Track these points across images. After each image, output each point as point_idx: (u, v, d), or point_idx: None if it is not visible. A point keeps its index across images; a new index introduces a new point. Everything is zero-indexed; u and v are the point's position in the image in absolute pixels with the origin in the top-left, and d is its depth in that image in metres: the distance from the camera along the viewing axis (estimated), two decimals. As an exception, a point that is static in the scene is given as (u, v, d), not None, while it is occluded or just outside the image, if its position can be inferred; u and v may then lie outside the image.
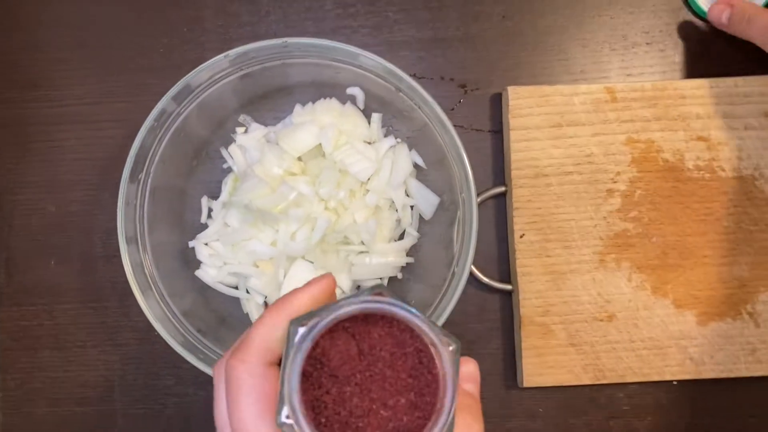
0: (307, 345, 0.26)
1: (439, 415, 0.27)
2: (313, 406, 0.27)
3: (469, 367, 0.33)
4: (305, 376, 0.27)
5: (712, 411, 0.56)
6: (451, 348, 0.27)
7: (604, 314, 0.54)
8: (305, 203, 0.52)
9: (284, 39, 0.48)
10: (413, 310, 0.27)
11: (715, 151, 0.55)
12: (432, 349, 0.28)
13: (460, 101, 0.57)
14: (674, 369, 0.54)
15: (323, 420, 0.27)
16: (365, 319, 0.28)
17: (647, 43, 0.58)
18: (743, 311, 0.54)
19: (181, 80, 0.48)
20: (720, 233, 0.54)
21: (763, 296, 0.54)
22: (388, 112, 0.54)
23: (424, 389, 0.28)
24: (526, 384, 0.54)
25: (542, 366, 0.54)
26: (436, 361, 0.28)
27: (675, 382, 0.56)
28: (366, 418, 0.28)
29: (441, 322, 0.47)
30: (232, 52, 0.48)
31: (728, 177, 0.55)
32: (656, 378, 0.54)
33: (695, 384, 0.56)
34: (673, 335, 0.54)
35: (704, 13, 0.57)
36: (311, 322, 0.26)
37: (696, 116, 0.54)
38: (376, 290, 0.28)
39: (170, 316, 0.50)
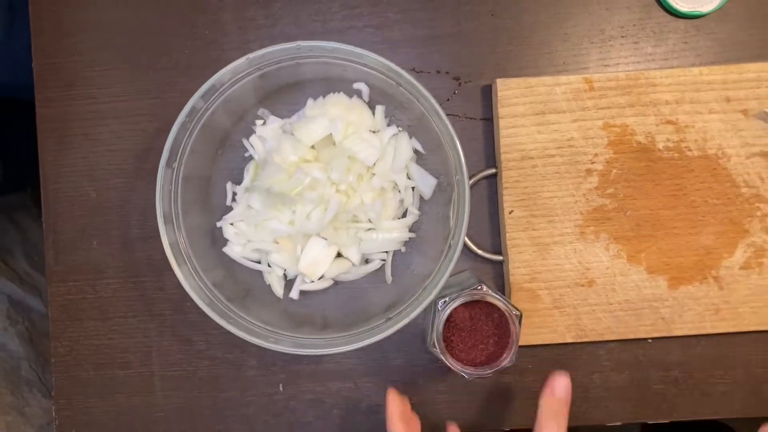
0: (446, 312, 0.54)
1: (510, 348, 0.54)
2: (446, 342, 0.55)
3: (561, 380, 0.51)
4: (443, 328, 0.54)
5: (682, 365, 0.63)
6: (515, 314, 0.54)
7: (584, 280, 0.61)
8: (319, 187, 0.58)
9: (297, 42, 0.54)
10: (498, 296, 0.53)
11: (682, 134, 0.61)
12: (506, 315, 0.54)
13: (454, 92, 0.64)
14: (648, 328, 0.61)
15: (452, 349, 0.55)
16: (473, 300, 0.54)
17: (622, 36, 0.64)
18: (708, 276, 0.61)
19: (208, 81, 0.55)
20: (688, 207, 0.61)
21: (726, 262, 0.61)
22: (390, 104, 0.61)
23: (503, 336, 0.55)
24: (516, 343, 0.61)
25: (530, 327, 0.61)
26: (509, 321, 0.54)
27: (649, 340, 0.63)
28: (473, 348, 0.55)
29: (439, 286, 0.54)
30: (252, 55, 0.54)
31: (695, 156, 0.61)
32: (632, 336, 0.61)
33: (667, 341, 0.63)
34: (647, 298, 0.61)
35: (672, 8, 0.63)
36: (446, 302, 0.54)
37: (665, 102, 0.61)
38: (478, 285, 0.54)
39: (203, 287, 0.57)
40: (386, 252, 0.62)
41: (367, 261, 0.63)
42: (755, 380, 0.63)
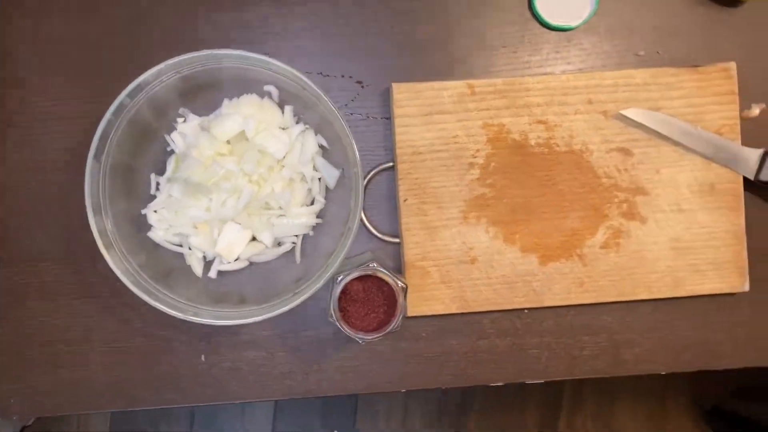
0: (341, 286, 0.62)
1: (396, 315, 0.62)
2: (344, 312, 0.63)
3: None
4: (339, 299, 0.63)
5: (554, 332, 0.73)
6: (401, 287, 0.63)
7: (467, 258, 0.71)
8: (232, 177, 0.66)
9: (211, 50, 0.62)
10: (386, 272, 0.62)
11: (552, 132, 0.71)
12: (394, 288, 0.62)
13: (357, 94, 0.72)
14: (522, 299, 0.71)
15: (348, 318, 0.63)
16: (366, 275, 0.62)
17: (503, 47, 0.73)
18: (574, 254, 0.71)
19: (134, 81, 0.62)
20: (556, 195, 0.71)
21: (589, 242, 0.71)
22: (297, 105, 0.69)
23: (391, 304, 0.63)
24: (410, 314, 0.70)
25: (421, 299, 0.70)
26: (396, 293, 0.62)
27: (526, 311, 0.73)
28: (366, 317, 0.64)
29: (338, 263, 0.63)
30: (171, 61, 0.62)
31: (562, 151, 0.71)
32: (508, 306, 0.71)
33: (540, 311, 0.73)
34: (520, 273, 0.71)
35: (545, 22, 0.72)
36: (342, 276, 0.62)
37: (537, 105, 0.70)
38: (371, 262, 0.63)
39: (130, 269, 0.64)
40: (296, 235, 0.70)
41: (279, 244, 0.71)
42: (615, 344, 0.73)
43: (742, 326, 0.73)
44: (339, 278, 0.62)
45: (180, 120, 0.69)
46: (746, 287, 0.71)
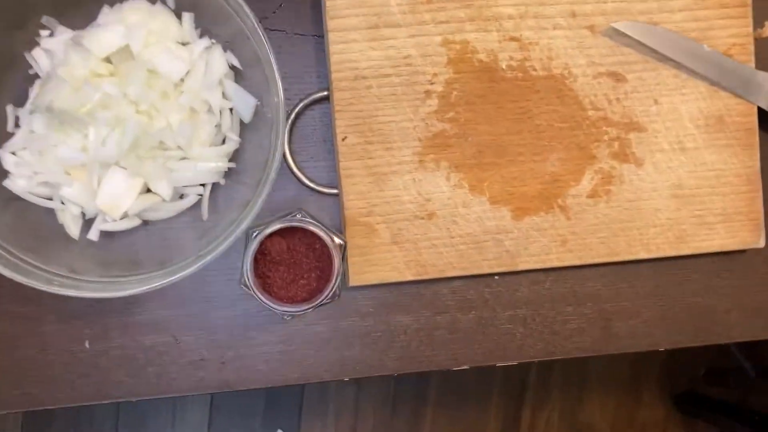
0: (256, 243, 0.47)
1: (332, 281, 0.48)
2: (263, 279, 0.49)
3: None
4: (257, 261, 0.49)
5: (530, 303, 0.59)
6: (338, 243, 0.49)
7: (424, 213, 0.56)
8: (113, 105, 0.50)
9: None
10: (317, 223, 0.48)
11: (526, 51, 0.56)
12: (328, 245, 0.48)
13: (281, 5, 0.57)
14: (491, 262, 0.57)
15: (269, 286, 0.49)
16: (292, 229, 0.48)
17: (466, -52, 0.58)
18: (555, 205, 0.57)
19: None
20: (532, 131, 0.57)
21: (573, 191, 0.57)
22: (200, 14, 0.53)
23: (325, 268, 0.49)
24: (351, 282, 0.56)
25: (367, 264, 0.56)
26: (331, 252, 0.48)
27: (496, 277, 0.59)
28: (293, 284, 0.50)
29: (253, 214, 0.48)
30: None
31: (540, 76, 0.57)
32: (475, 272, 0.57)
33: (514, 277, 0.59)
34: (490, 230, 0.57)
35: None
36: (258, 230, 0.47)
37: (508, 17, 0.56)
38: (299, 212, 0.50)
39: None
40: (202, 185, 0.55)
41: (181, 196, 0.55)
42: (605, 316, 0.60)
43: (756, 290, 0.60)
44: (254, 233, 0.47)
45: (44, 33, 0.53)
46: (762, 242, 0.58)
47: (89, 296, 0.48)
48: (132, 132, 0.50)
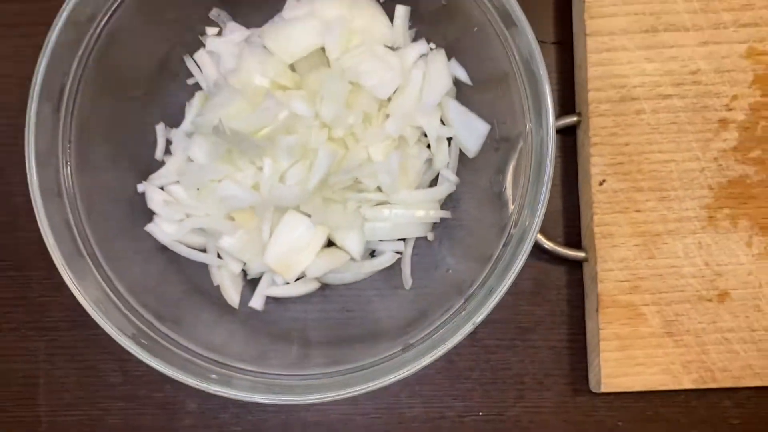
0: None
1: None
2: None
3: None
4: None
5: None
6: None
7: (713, 292, 0.41)
8: (300, 128, 0.38)
9: None
10: None
11: None
12: None
13: (511, 1, 0.43)
14: (809, 369, 0.40)
15: None
16: None
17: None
18: None
19: None
20: None
21: None
22: (417, 7, 0.41)
23: None
24: (604, 388, 0.41)
25: (627, 363, 0.41)
26: None
27: (804, 388, 0.41)
28: None
29: (490, 306, 0.33)
30: None
31: None
32: (784, 381, 0.40)
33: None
34: (810, 322, 0.40)
35: None
36: None
37: None
38: None
39: (111, 294, 0.37)
40: (404, 240, 0.42)
41: (373, 254, 0.42)
42: None
43: None
44: None
45: (211, 32, 0.42)
46: None
47: (252, 399, 0.34)
48: (323, 166, 0.37)
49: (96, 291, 0.36)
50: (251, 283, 0.42)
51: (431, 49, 0.40)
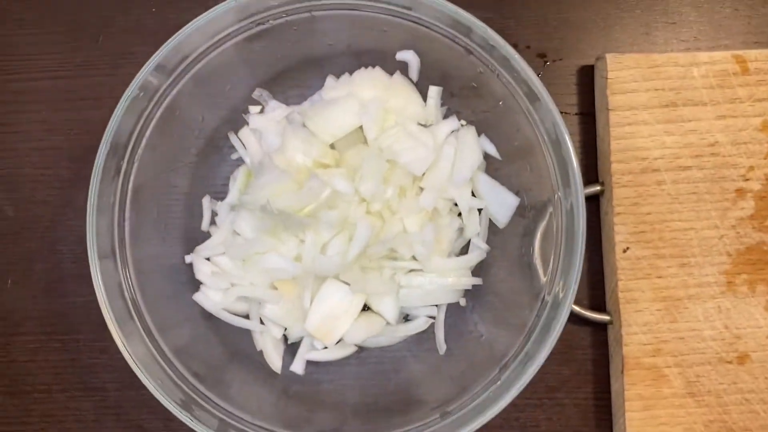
0: None
1: None
2: None
3: None
4: None
5: None
6: None
7: (733, 354, 0.42)
8: (341, 204, 0.40)
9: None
10: None
11: None
12: None
13: (539, 75, 0.45)
14: (828, 428, 0.41)
15: None
16: None
17: (779, 2, 0.45)
18: None
19: (170, 41, 0.37)
20: None
21: None
22: (448, 87, 0.43)
23: None
24: (632, 446, 0.41)
25: (651, 423, 0.42)
26: None
27: (822, 444, 0.43)
28: None
29: (528, 377, 0.35)
30: (230, 5, 0.35)
31: None
32: (803, 440, 0.41)
33: None
34: (828, 383, 0.41)
35: None
36: None
37: None
38: None
39: (158, 357, 0.39)
40: (436, 306, 0.43)
41: (406, 318, 0.44)
42: None
43: None
44: None
45: (254, 110, 0.44)
46: None
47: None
48: (363, 238, 0.39)
49: (144, 353, 0.38)
50: (290, 348, 0.43)
51: (462, 125, 0.43)
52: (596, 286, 0.45)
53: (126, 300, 0.38)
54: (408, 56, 0.41)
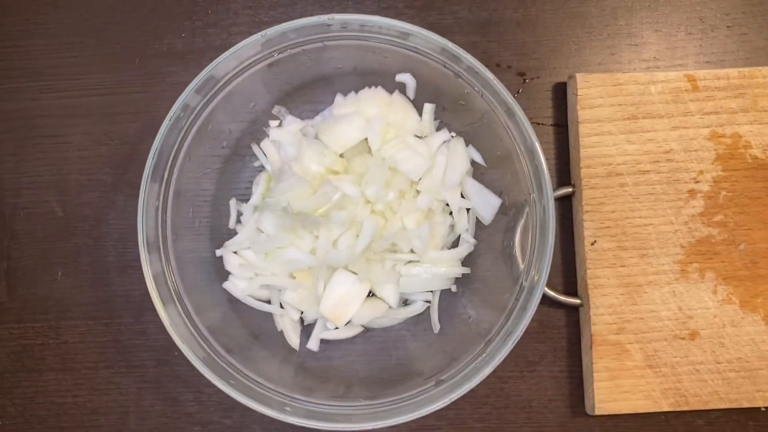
0: None
1: None
2: None
3: None
4: None
5: (807, 441, 0.49)
6: None
7: (685, 332, 0.48)
8: (350, 206, 0.46)
9: (330, 15, 0.41)
10: None
11: (810, 147, 0.48)
12: None
13: (518, 91, 0.51)
14: (767, 394, 0.48)
15: None
16: None
17: (728, 27, 0.51)
18: (844, 328, 0.48)
19: (206, 68, 0.43)
20: (817, 240, 0.48)
21: None
22: (440, 103, 0.48)
23: None
24: (597, 411, 0.48)
25: (616, 391, 0.48)
26: None
27: (763, 408, 0.49)
28: None
29: (507, 349, 0.41)
30: (271, 32, 0.41)
31: (826, 176, 0.48)
32: (746, 404, 0.48)
33: (788, 410, 0.49)
34: (765, 355, 0.48)
35: (794, -8, 0.50)
36: None
37: (789, 107, 0.48)
38: None
39: (195, 333, 0.44)
40: (431, 292, 0.49)
41: (406, 303, 0.50)
42: None
43: None
44: None
45: (273, 124, 0.49)
46: None
47: (308, 425, 0.42)
48: (368, 235, 0.45)
49: (183, 331, 0.43)
50: (306, 328, 0.49)
51: (452, 137, 0.49)
52: (569, 274, 0.51)
53: (168, 286, 0.43)
54: (406, 78, 0.47)
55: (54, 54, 0.52)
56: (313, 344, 0.48)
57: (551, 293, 0.49)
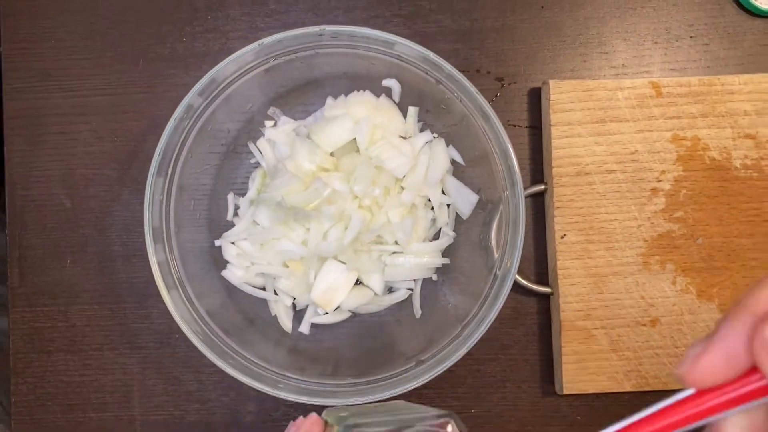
0: None
1: None
2: None
3: None
4: None
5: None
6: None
7: (647, 319, 0.52)
8: (339, 200, 0.49)
9: (321, 26, 0.45)
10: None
11: (763, 150, 0.52)
12: None
13: (496, 95, 0.55)
14: (720, 376, 0.52)
15: None
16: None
17: (691, 37, 0.55)
18: (791, 316, 0.52)
19: (208, 73, 0.46)
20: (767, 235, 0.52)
21: (812, 300, 0.52)
22: (423, 106, 0.52)
23: None
24: (566, 391, 0.52)
25: (583, 372, 0.52)
26: None
27: (718, 389, 0.54)
28: None
29: (481, 332, 0.45)
30: (267, 40, 0.45)
31: (777, 176, 0.52)
32: (701, 385, 0.52)
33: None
34: (719, 341, 0.52)
35: (751, 5, 0.54)
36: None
37: (744, 113, 0.52)
38: (444, 418, 0.35)
39: (196, 317, 0.48)
40: (414, 280, 0.52)
41: (390, 290, 0.53)
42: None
43: None
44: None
45: (268, 124, 0.53)
46: None
47: (299, 401, 0.46)
48: (356, 227, 0.49)
49: (185, 314, 0.46)
50: (298, 313, 0.53)
51: (434, 137, 0.52)
52: (541, 265, 0.54)
53: (171, 273, 0.46)
54: (391, 83, 0.50)
55: (62, 56, 0.55)
56: (304, 328, 0.52)
57: (524, 282, 0.53)
